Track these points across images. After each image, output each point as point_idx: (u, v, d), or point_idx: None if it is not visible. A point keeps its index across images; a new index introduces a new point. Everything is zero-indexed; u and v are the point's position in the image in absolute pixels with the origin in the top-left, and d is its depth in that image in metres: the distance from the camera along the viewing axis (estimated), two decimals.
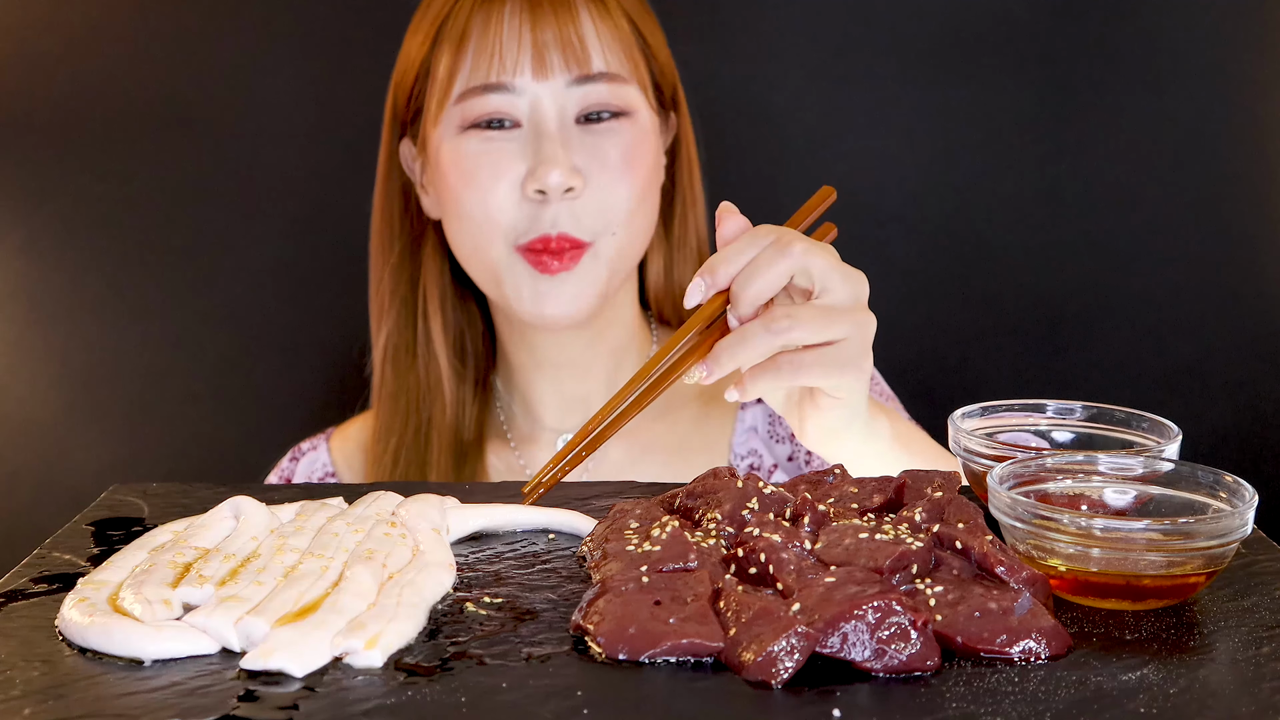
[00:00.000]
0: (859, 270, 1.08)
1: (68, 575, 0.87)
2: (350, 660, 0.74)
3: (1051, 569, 0.81)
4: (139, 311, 1.91)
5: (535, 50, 1.38)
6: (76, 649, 0.77)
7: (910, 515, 0.86)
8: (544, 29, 1.38)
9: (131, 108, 1.87)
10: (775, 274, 1.05)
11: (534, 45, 1.38)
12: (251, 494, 0.95)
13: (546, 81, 1.39)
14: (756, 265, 1.05)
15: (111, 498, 1.03)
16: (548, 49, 1.38)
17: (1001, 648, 0.74)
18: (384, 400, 1.52)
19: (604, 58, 1.40)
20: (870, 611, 0.73)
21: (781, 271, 1.05)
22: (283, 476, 1.59)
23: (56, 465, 1.92)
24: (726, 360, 1.04)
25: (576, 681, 0.72)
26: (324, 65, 1.87)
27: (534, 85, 1.39)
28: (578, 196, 1.38)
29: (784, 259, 1.05)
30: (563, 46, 1.38)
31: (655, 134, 1.46)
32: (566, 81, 1.39)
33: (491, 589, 0.85)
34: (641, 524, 0.89)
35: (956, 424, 0.97)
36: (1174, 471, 0.88)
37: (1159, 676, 0.72)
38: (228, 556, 0.85)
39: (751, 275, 1.05)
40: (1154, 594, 0.81)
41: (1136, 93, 1.83)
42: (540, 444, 1.53)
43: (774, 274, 1.05)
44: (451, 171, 1.41)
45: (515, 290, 1.41)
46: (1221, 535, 0.80)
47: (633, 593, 0.78)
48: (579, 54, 1.39)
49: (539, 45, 1.38)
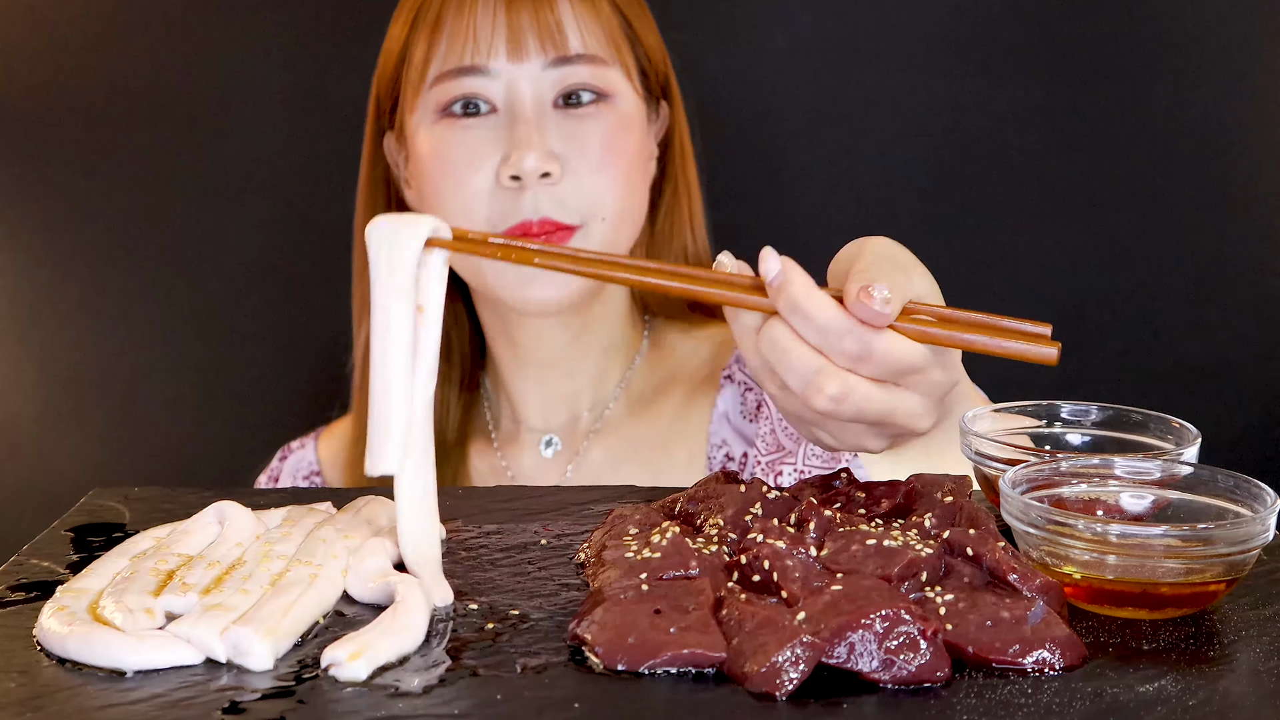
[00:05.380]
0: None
1: (46, 583, 0.87)
2: (334, 672, 0.74)
3: (1066, 576, 0.81)
4: (120, 310, 1.91)
5: (510, 32, 1.39)
6: (55, 659, 0.77)
7: (920, 521, 0.86)
8: (520, 11, 1.39)
9: (112, 101, 1.87)
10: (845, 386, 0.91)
11: (509, 27, 1.39)
12: (237, 499, 0.95)
13: (522, 64, 1.39)
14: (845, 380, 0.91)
15: (91, 502, 1.03)
16: (523, 31, 1.39)
17: (1014, 658, 0.74)
18: (364, 401, 1.52)
19: (582, 39, 1.40)
20: (878, 621, 0.73)
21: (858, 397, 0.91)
22: (271, 476, 1.60)
23: (35, 469, 1.92)
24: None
25: (574, 693, 0.72)
26: (309, 58, 1.87)
27: (509, 68, 1.39)
28: (556, 183, 1.38)
29: (874, 393, 0.92)
30: (539, 28, 1.39)
31: (640, 120, 1.46)
32: (543, 64, 1.39)
33: (486, 597, 0.85)
34: (641, 530, 0.89)
35: (967, 426, 0.97)
36: (1193, 475, 0.88)
37: (1177, 688, 0.72)
38: (212, 564, 0.85)
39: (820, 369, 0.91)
40: (1172, 602, 0.81)
41: (1153, 84, 1.83)
42: (523, 445, 1.53)
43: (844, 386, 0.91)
44: (428, 162, 1.42)
45: (498, 278, 1.41)
46: (1242, 542, 0.80)
47: (632, 601, 0.78)
48: (555, 36, 1.39)
49: (514, 27, 1.39)
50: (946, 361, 0.94)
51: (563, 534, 0.96)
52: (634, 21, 1.46)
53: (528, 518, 0.99)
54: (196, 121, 1.88)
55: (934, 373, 0.93)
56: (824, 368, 0.91)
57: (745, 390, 1.49)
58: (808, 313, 0.90)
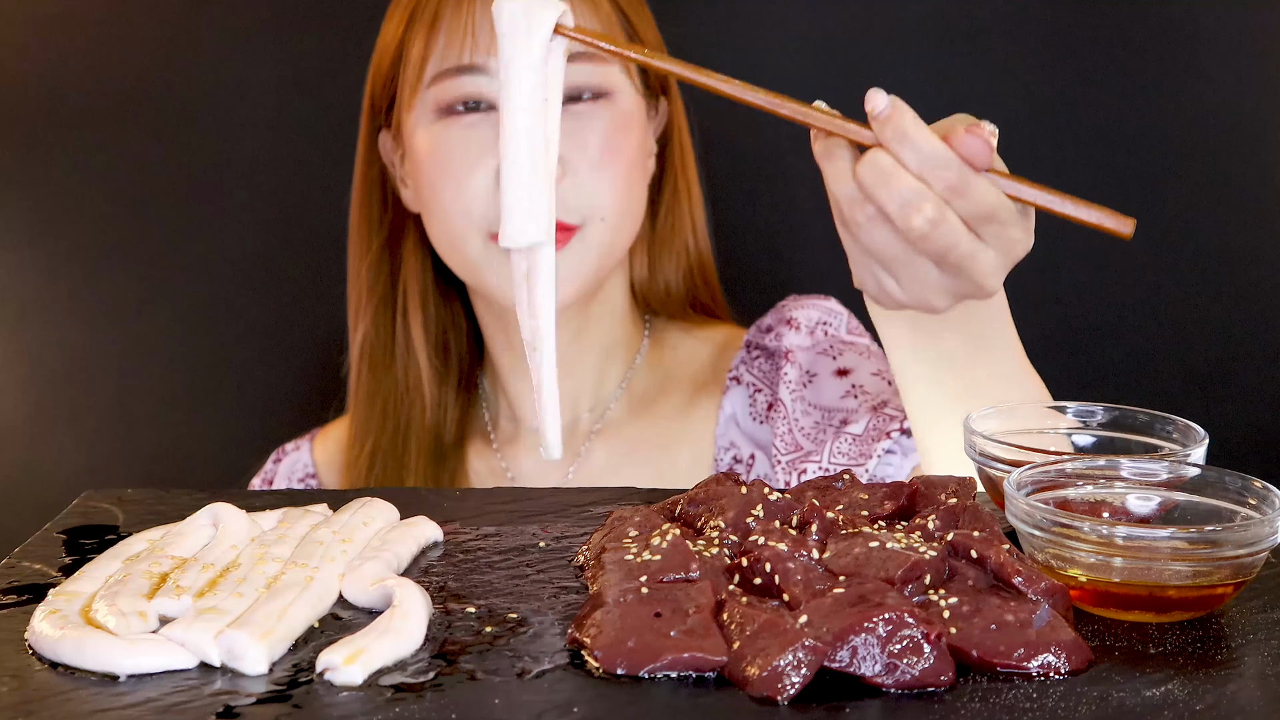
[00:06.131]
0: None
1: (38, 586, 0.87)
2: (330, 677, 0.74)
3: (1071, 579, 0.81)
4: (112, 309, 1.91)
5: None
6: (47, 663, 0.77)
7: (923, 523, 0.86)
8: None
9: (102, 99, 1.87)
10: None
11: None
12: (231, 500, 0.95)
13: None
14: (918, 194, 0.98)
15: (84, 504, 1.02)
16: None
17: (1019, 662, 0.74)
18: (360, 402, 1.52)
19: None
20: (881, 624, 0.73)
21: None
22: (265, 478, 1.60)
23: (26, 470, 1.92)
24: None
25: (572, 697, 0.72)
26: (303, 54, 1.87)
27: None
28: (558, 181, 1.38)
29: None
30: None
31: (640, 118, 1.46)
32: None
33: (484, 600, 0.85)
34: (641, 532, 0.89)
35: (971, 427, 0.97)
36: (1200, 477, 0.88)
37: (1184, 692, 0.72)
38: (206, 566, 0.85)
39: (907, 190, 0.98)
40: (1179, 605, 0.80)
41: (1159, 81, 1.83)
42: (523, 445, 1.53)
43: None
44: (426, 161, 1.41)
45: (497, 280, 1.41)
46: (1250, 544, 0.80)
47: (632, 604, 0.78)
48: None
49: None
50: (1026, 225, 1.02)
51: (562, 536, 0.95)
52: (633, 17, 1.46)
53: (526, 520, 0.99)
54: (189, 120, 1.88)
55: (1014, 229, 1.00)
56: (924, 191, 0.97)
57: (755, 391, 1.49)
58: (915, 140, 0.97)
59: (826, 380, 1.46)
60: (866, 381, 1.45)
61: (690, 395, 1.53)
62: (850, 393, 1.44)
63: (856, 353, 1.47)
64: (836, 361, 1.47)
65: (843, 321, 1.50)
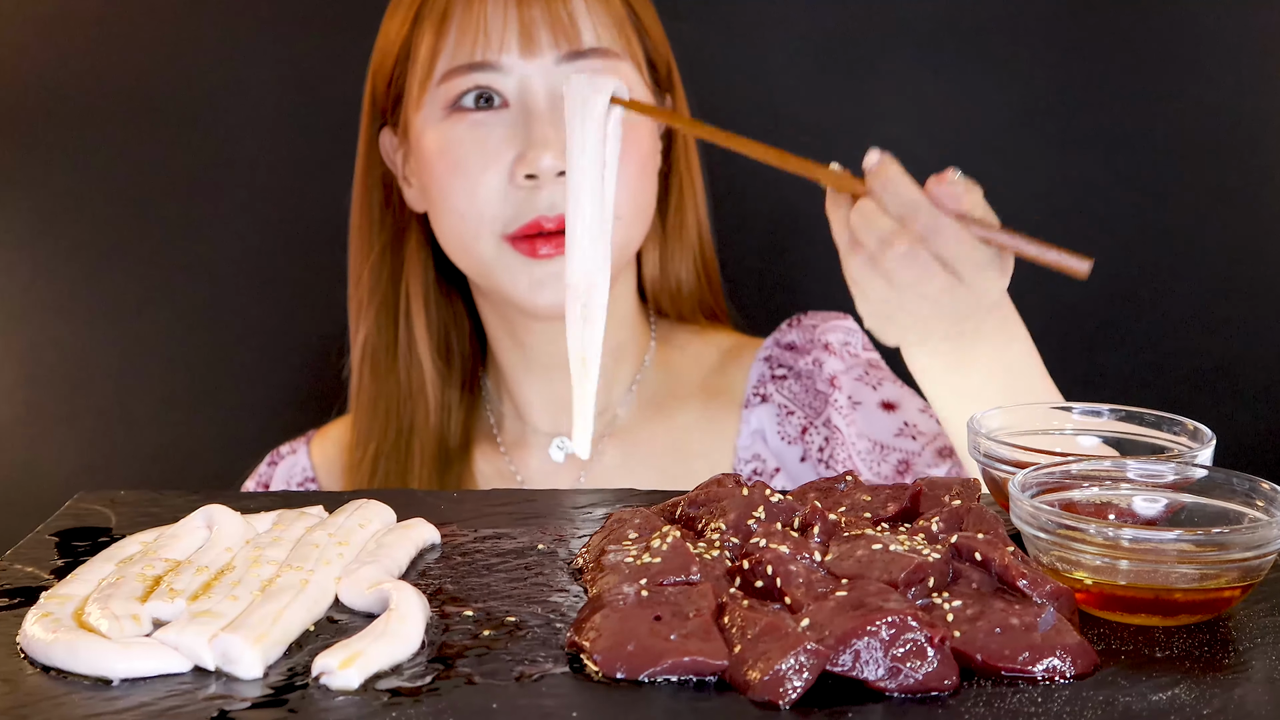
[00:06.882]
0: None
1: (30, 589, 0.87)
2: (326, 681, 0.74)
3: (1077, 582, 0.81)
4: (112, 309, 1.91)
5: (522, 27, 1.38)
6: (40, 667, 0.77)
7: (927, 525, 0.86)
8: (531, 5, 1.39)
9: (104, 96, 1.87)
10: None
11: (521, 22, 1.38)
12: (225, 502, 0.95)
13: (535, 59, 1.39)
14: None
15: (77, 506, 1.02)
16: (535, 25, 1.38)
17: (1024, 666, 0.74)
18: (362, 405, 1.51)
19: (595, 33, 1.40)
20: (884, 627, 0.73)
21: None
22: (260, 482, 1.59)
23: (19, 471, 1.91)
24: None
25: (571, 701, 0.72)
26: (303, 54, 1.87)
27: (521, 64, 1.39)
28: None
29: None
30: (551, 22, 1.39)
31: None
32: (555, 59, 1.39)
33: (481, 603, 0.84)
34: (641, 534, 0.88)
35: (976, 428, 0.97)
36: (1207, 478, 0.88)
37: (1191, 697, 0.72)
38: (200, 569, 0.85)
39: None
40: (1186, 609, 0.80)
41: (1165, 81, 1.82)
42: (531, 448, 1.52)
43: None
44: (437, 160, 1.41)
45: (511, 281, 1.41)
46: (1258, 546, 0.80)
47: (631, 607, 0.78)
48: (568, 30, 1.39)
49: (526, 21, 1.38)
50: (1001, 264, 1.13)
51: (561, 538, 0.95)
52: (640, 12, 1.46)
53: (525, 522, 0.98)
54: (189, 120, 1.88)
55: (988, 269, 1.12)
56: (899, 231, 1.11)
57: (786, 414, 1.48)
58: (896, 187, 1.12)
59: (873, 412, 1.47)
60: (919, 420, 1.46)
61: (704, 401, 1.52)
62: (904, 432, 1.45)
63: (892, 382, 1.49)
64: (878, 393, 1.48)
65: (859, 339, 1.51)
